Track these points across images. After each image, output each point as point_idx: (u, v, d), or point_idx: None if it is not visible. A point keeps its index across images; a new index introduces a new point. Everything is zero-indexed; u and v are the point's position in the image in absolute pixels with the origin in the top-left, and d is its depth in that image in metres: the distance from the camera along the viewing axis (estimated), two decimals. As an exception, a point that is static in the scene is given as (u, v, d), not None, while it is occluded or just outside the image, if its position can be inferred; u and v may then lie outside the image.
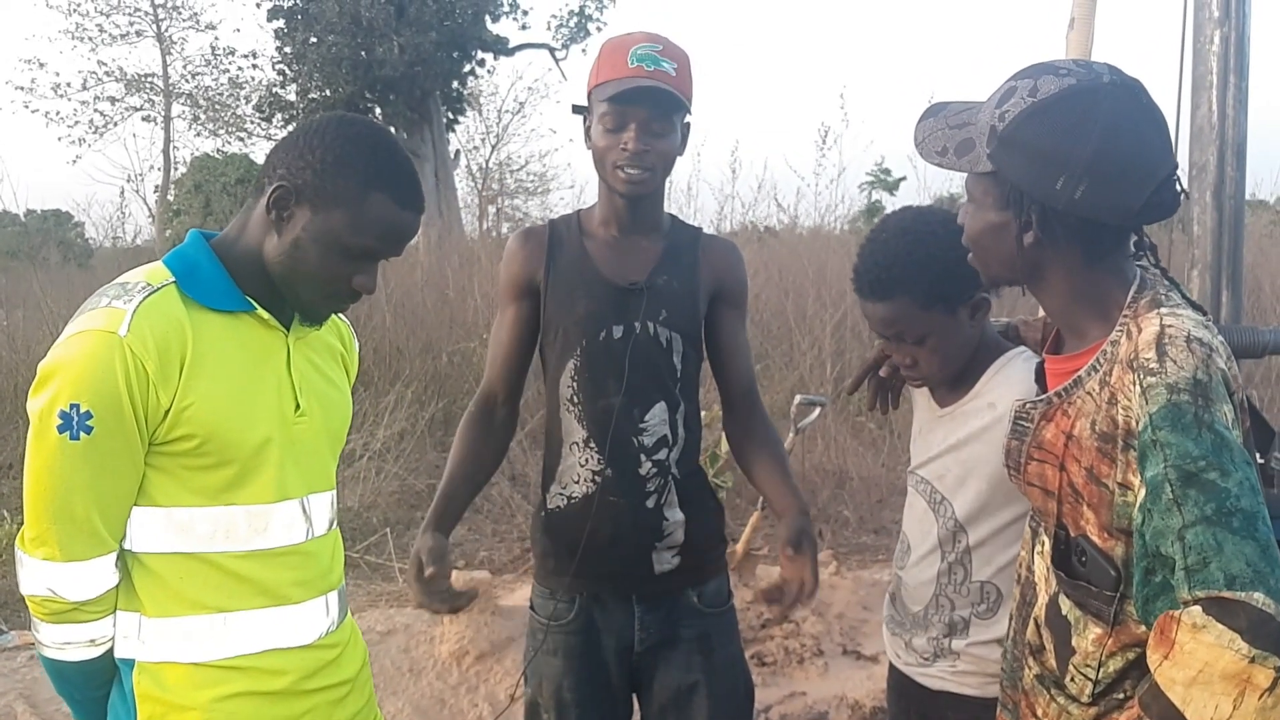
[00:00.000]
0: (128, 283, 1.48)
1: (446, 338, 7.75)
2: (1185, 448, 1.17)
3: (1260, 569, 1.09)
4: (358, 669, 1.72)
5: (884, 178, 16.37)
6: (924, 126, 1.46)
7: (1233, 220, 2.45)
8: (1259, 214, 13.66)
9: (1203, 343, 1.25)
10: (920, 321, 1.77)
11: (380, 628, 4.09)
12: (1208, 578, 1.10)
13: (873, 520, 5.66)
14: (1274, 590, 1.07)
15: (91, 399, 1.38)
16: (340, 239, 1.48)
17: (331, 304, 1.57)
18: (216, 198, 17.15)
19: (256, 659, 1.54)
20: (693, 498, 2.04)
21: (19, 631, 4.19)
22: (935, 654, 1.87)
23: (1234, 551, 1.10)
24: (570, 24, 18.35)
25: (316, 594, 1.62)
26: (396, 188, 1.50)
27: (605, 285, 1.98)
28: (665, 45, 1.93)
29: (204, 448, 1.47)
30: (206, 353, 1.47)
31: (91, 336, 1.40)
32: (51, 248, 13.80)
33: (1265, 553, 1.11)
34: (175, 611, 1.50)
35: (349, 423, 1.76)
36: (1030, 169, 1.32)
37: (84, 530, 1.43)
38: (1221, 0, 2.42)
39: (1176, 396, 1.20)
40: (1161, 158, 1.32)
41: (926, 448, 1.91)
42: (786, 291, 8.31)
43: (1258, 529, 1.12)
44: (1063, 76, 1.33)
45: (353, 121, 1.53)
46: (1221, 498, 1.14)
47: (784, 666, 3.98)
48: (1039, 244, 1.36)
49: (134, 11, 23.42)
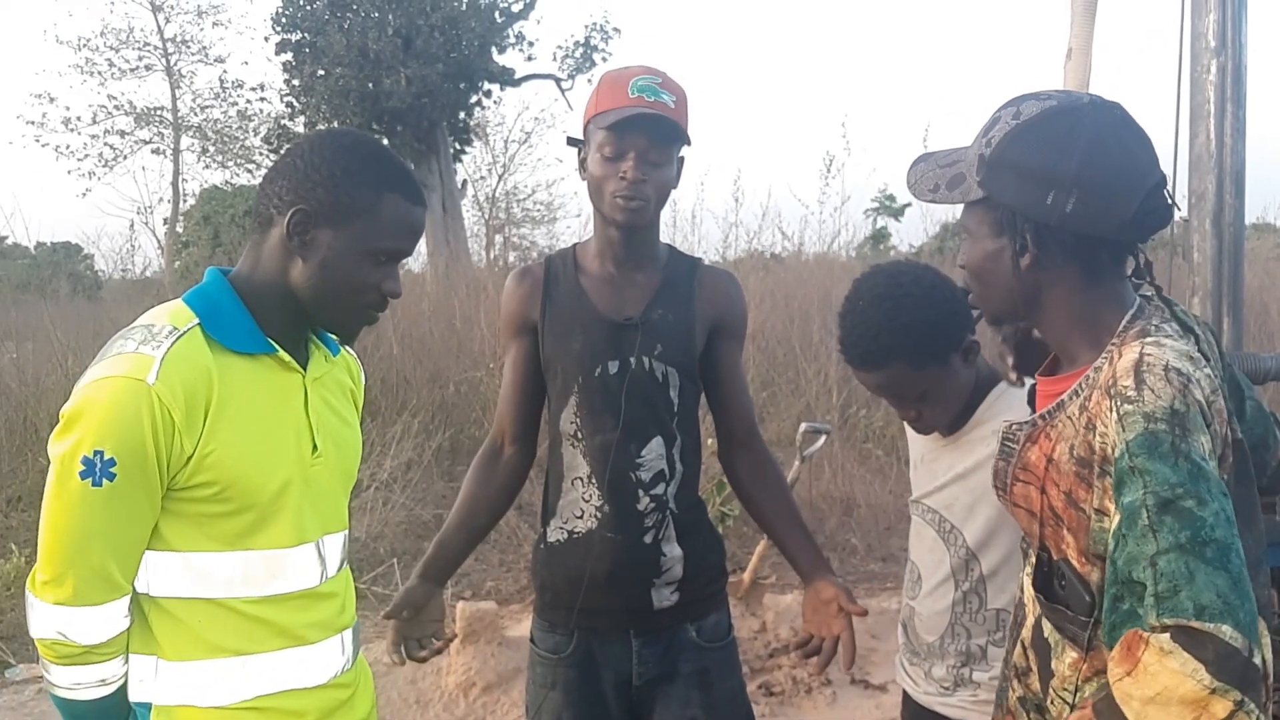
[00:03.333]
0: (153, 325, 1.46)
1: (454, 367, 7.76)
2: (1164, 474, 1.17)
3: (1230, 601, 1.09)
4: (368, 711, 1.71)
5: (888, 204, 16.43)
6: (915, 171, 1.49)
7: (1232, 247, 2.46)
8: (1266, 237, 13.67)
9: (1180, 373, 1.24)
10: (917, 381, 1.79)
11: (387, 659, 4.07)
12: (1177, 606, 1.10)
13: (881, 548, 5.63)
14: (1242, 624, 1.08)
15: (116, 446, 1.37)
16: (368, 247, 1.50)
17: (366, 315, 1.58)
18: (225, 229, 17.25)
19: (275, 699, 1.53)
20: (691, 532, 2.04)
21: (26, 665, 4.19)
22: (956, 683, 1.86)
23: (1205, 582, 1.10)
24: (576, 55, 18.47)
25: (332, 633, 1.61)
26: (404, 186, 1.53)
27: (600, 321, 1.99)
28: (664, 79, 1.95)
29: (224, 494, 1.46)
30: (230, 398, 1.46)
31: (119, 383, 1.38)
32: (61, 280, 13.85)
33: (1236, 585, 1.11)
34: (194, 655, 1.49)
35: (360, 460, 1.76)
36: (1020, 188, 1.33)
37: (99, 575, 1.42)
38: (1218, 30, 2.44)
39: (1154, 425, 1.20)
40: (1148, 167, 1.33)
41: (931, 477, 1.91)
42: (792, 318, 8.31)
43: (1230, 561, 1.12)
44: (1044, 100, 1.36)
45: (342, 134, 1.56)
46: (1197, 526, 1.14)
47: (792, 696, 3.96)
48: (1036, 265, 1.36)
49: (143, 46, 23.69)
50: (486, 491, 2.11)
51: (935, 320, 1.76)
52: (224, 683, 1.50)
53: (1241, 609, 1.09)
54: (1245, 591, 1.11)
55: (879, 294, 1.81)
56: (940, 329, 1.76)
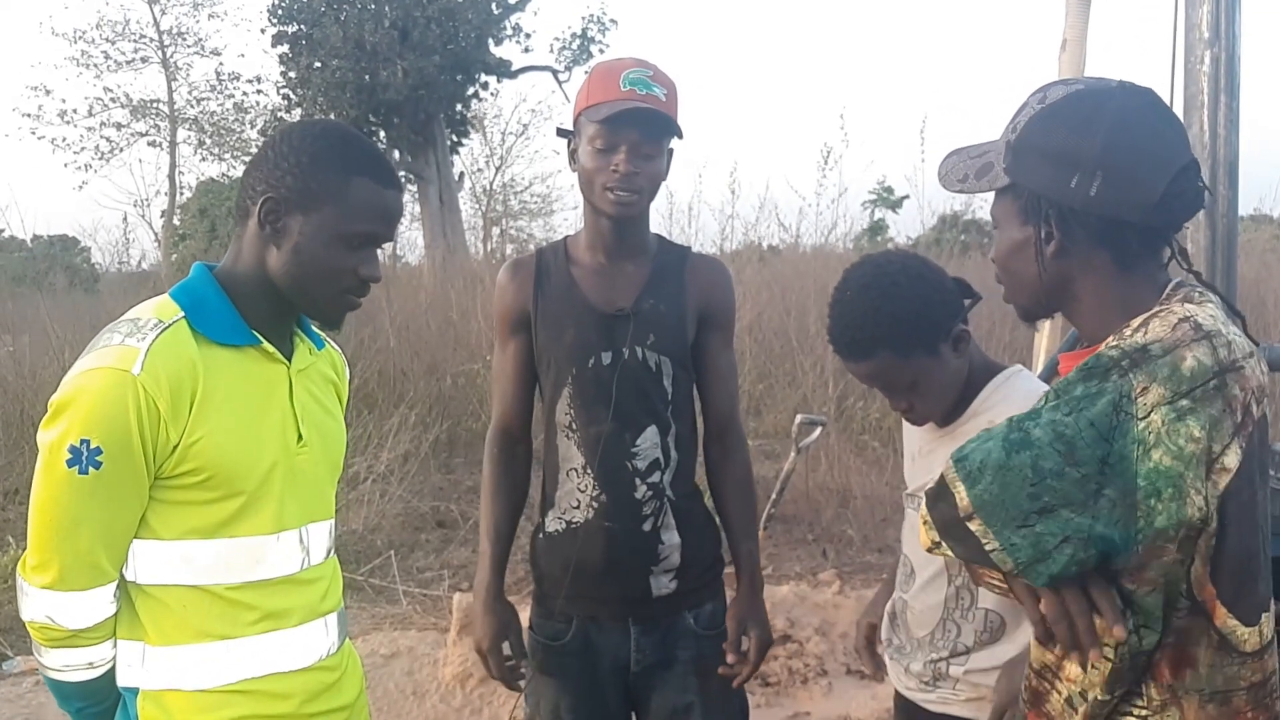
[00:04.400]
0: (139, 319, 1.49)
1: (451, 360, 7.77)
2: (1072, 386, 1.20)
3: (983, 473, 1.18)
4: (356, 695, 1.73)
5: (886, 196, 16.43)
6: (946, 163, 1.47)
7: (1225, 239, 2.46)
8: (1263, 228, 13.64)
9: (1199, 327, 1.21)
10: (905, 370, 1.79)
11: (384, 651, 4.09)
12: (959, 452, 1.23)
13: (877, 539, 5.65)
14: (973, 492, 1.19)
15: (102, 435, 1.40)
16: (338, 231, 1.51)
17: (345, 300, 1.58)
18: (222, 222, 17.25)
19: (260, 682, 1.56)
20: (689, 520, 2.05)
21: (24, 657, 4.20)
22: (934, 678, 1.87)
23: (973, 447, 1.21)
24: (573, 46, 18.46)
25: (315, 617, 1.63)
26: (373, 169, 1.54)
27: (592, 312, 2.00)
28: (655, 71, 1.96)
29: (210, 481, 1.49)
30: (215, 388, 1.49)
31: (104, 374, 1.41)
32: (58, 273, 13.89)
33: (1000, 468, 1.17)
34: (179, 640, 1.52)
35: (344, 451, 1.79)
36: (1044, 171, 1.30)
37: (86, 562, 1.45)
38: (1212, 21, 2.44)
39: (1109, 351, 1.20)
40: (1176, 150, 1.29)
41: (927, 469, 1.91)
42: (789, 310, 8.32)
43: (1014, 455, 1.18)
44: (1072, 85, 1.34)
45: (314, 123, 1.59)
46: (1034, 416, 1.20)
47: (788, 686, 3.97)
48: (1062, 252, 1.32)
49: (139, 38, 23.68)
50: (518, 491, 2.13)
51: (921, 309, 1.75)
52: (209, 666, 1.52)
53: (980, 482, 1.18)
54: (1006, 481, 1.17)
55: (866, 283, 1.80)
56: (926, 317, 1.75)
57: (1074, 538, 1.15)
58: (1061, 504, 1.16)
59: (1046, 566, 1.17)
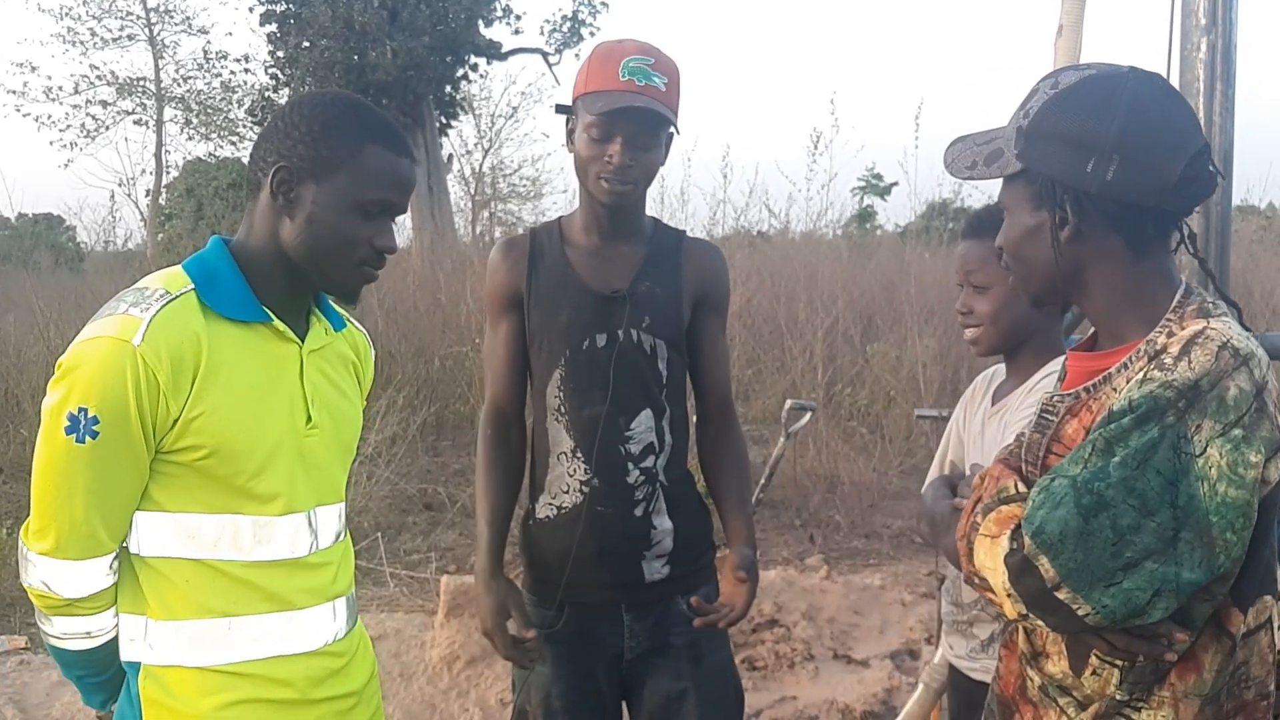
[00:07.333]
0: (146, 289, 1.47)
1: (439, 342, 7.75)
2: (1130, 432, 1.19)
3: (1064, 542, 1.19)
4: (365, 681, 1.70)
5: (875, 183, 16.43)
6: (952, 150, 1.45)
7: (1219, 227, 2.46)
8: (1249, 219, 13.70)
9: (1238, 353, 1.21)
10: (990, 270, 1.83)
11: (371, 632, 4.04)
12: (1031, 519, 1.23)
13: (864, 525, 5.67)
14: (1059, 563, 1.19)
15: (99, 405, 1.39)
16: (354, 199, 1.49)
17: (361, 273, 1.56)
18: (209, 202, 17.09)
19: (262, 665, 1.54)
20: (681, 505, 2.04)
21: (8, 636, 4.18)
22: (982, 646, 1.92)
23: (1059, 516, 1.20)
24: (563, 29, 18.38)
25: (323, 600, 1.61)
26: (386, 137, 1.52)
27: (587, 294, 1.98)
28: (657, 58, 1.91)
29: (212, 458, 1.47)
30: (221, 364, 1.47)
31: (105, 343, 1.40)
32: (43, 251, 13.74)
33: (1081, 535, 1.18)
34: (181, 615, 1.50)
35: (359, 434, 1.76)
36: (1059, 156, 1.29)
37: (82, 532, 1.44)
38: (1208, 8, 2.43)
39: (1164, 391, 1.19)
40: (1190, 134, 1.29)
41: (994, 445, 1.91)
42: (778, 296, 8.32)
43: (1095, 517, 1.18)
44: (1083, 70, 1.33)
45: (323, 93, 1.57)
46: (1098, 475, 1.19)
47: (775, 671, 3.99)
48: (1078, 238, 1.31)
49: (126, 15, 23.39)
50: (513, 473, 2.09)
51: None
52: (210, 643, 1.51)
53: (1065, 552, 1.19)
54: (1089, 545, 1.18)
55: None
56: None
57: (1164, 590, 1.18)
58: (1143, 556, 1.18)
59: (1143, 619, 1.20)
